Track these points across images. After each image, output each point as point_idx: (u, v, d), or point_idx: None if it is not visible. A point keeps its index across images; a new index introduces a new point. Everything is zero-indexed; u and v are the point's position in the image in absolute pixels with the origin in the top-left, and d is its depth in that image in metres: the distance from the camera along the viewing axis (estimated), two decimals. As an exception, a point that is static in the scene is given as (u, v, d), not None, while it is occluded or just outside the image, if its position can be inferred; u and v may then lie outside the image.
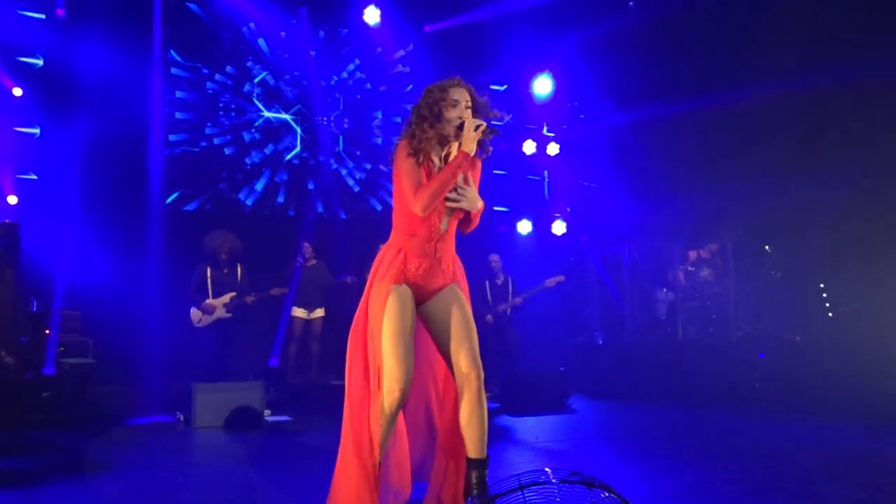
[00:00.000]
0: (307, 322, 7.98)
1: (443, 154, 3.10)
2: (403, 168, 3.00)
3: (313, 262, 8.01)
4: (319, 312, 8.03)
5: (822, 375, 7.62)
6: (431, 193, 2.93)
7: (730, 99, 9.04)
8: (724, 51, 9.15)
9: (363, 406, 2.96)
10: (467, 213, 3.16)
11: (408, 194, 2.97)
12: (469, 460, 2.95)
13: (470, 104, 3.09)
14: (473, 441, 2.93)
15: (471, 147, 2.99)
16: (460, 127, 3.02)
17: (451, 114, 3.04)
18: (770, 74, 8.63)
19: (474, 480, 2.92)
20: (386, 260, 3.05)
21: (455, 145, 3.08)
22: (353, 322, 3.09)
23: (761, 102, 8.93)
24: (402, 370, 2.86)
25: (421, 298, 3.08)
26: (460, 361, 2.93)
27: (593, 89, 10.70)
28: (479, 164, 3.22)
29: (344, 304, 8.23)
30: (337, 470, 3.03)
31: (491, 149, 3.24)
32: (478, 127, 2.99)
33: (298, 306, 7.91)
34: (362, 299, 3.07)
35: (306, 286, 7.91)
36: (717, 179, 9.49)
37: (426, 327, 3.12)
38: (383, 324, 2.92)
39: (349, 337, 3.09)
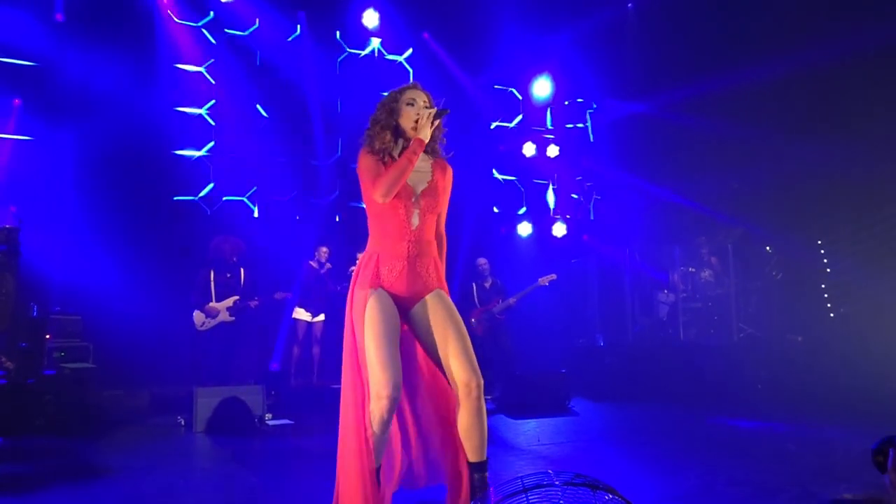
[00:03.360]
0: (310, 325, 7.97)
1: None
2: (363, 165, 3.04)
3: (329, 265, 8.02)
4: (321, 316, 8.03)
5: (824, 376, 7.62)
6: (389, 178, 2.93)
7: (732, 95, 9.05)
8: (727, 42, 9.13)
9: (358, 412, 2.94)
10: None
11: (368, 186, 2.99)
12: (470, 464, 2.93)
13: (429, 105, 3.11)
14: (474, 447, 2.92)
15: (425, 133, 3.00)
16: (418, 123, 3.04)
17: (410, 112, 3.07)
18: (769, 64, 8.64)
19: (477, 482, 2.92)
20: (362, 267, 3.06)
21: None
22: (344, 330, 3.09)
23: (764, 100, 8.95)
24: (388, 375, 2.83)
25: (403, 305, 3.03)
26: (457, 370, 2.88)
27: (593, 89, 10.71)
28: (449, 171, 3.20)
29: (342, 308, 8.23)
30: (338, 475, 3.01)
31: (444, 141, 3.23)
32: (429, 115, 3.00)
33: (305, 309, 7.90)
34: (347, 308, 3.07)
35: (314, 289, 7.91)
36: (718, 177, 9.51)
37: (415, 336, 3.08)
38: (365, 331, 2.91)
39: (343, 344, 3.09)
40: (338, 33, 9.63)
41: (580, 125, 11.03)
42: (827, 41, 7.96)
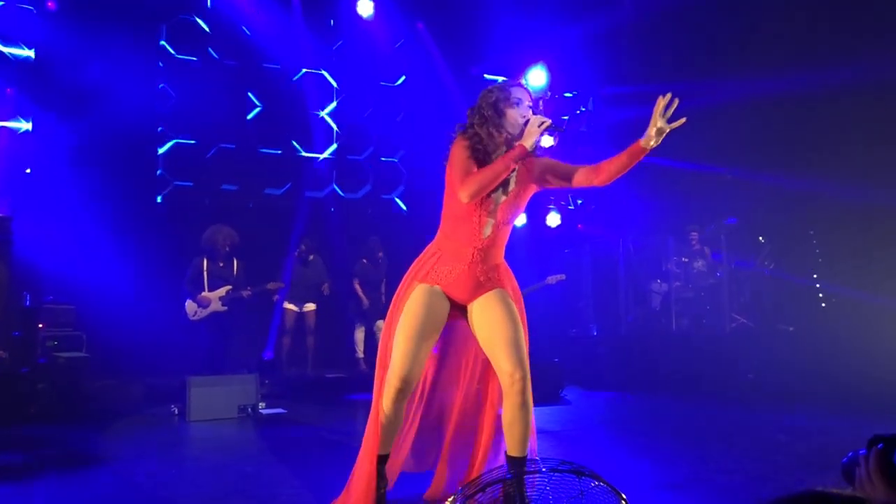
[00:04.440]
0: (299, 315, 7.98)
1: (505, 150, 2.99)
2: (455, 158, 2.92)
3: (311, 257, 8.02)
4: (311, 306, 8.03)
5: (815, 365, 7.68)
6: (481, 180, 2.82)
7: (730, 88, 9.04)
8: (725, 37, 9.12)
9: (379, 396, 3.00)
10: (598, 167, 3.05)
11: (456, 181, 2.87)
12: (508, 457, 2.91)
13: (531, 104, 3.02)
14: (515, 441, 2.90)
15: (530, 142, 2.87)
16: (525, 125, 2.93)
17: (515, 112, 2.97)
18: (770, 64, 8.65)
19: (513, 480, 2.91)
20: (421, 259, 3.05)
21: None
22: (386, 318, 3.11)
23: (760, 92, 8.95)
24: (406, 367, 2.85)
25: (460, 303, 3.02)
26: (502, 360, 2.88)
27: (588, 79, 10.68)
28: (533, 168, 3.08)
29: (337, 298, 8.24)
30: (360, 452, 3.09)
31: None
32: (541, 123, 2.89)
33: (289, 301, 7.92)
34: (395, 296, 3.07)
35: (298, 281, 7.92)
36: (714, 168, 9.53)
37: (473, 330, 3.07)
38: (400, 320, 2.93)
39: (384, 327, 3.13)
40: (332, 21, 9.59)
41: (582, 109, 10.98)
42: (832, 54, 8.00)
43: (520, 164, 3.01)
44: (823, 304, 9.06)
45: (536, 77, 10.25)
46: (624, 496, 2.37)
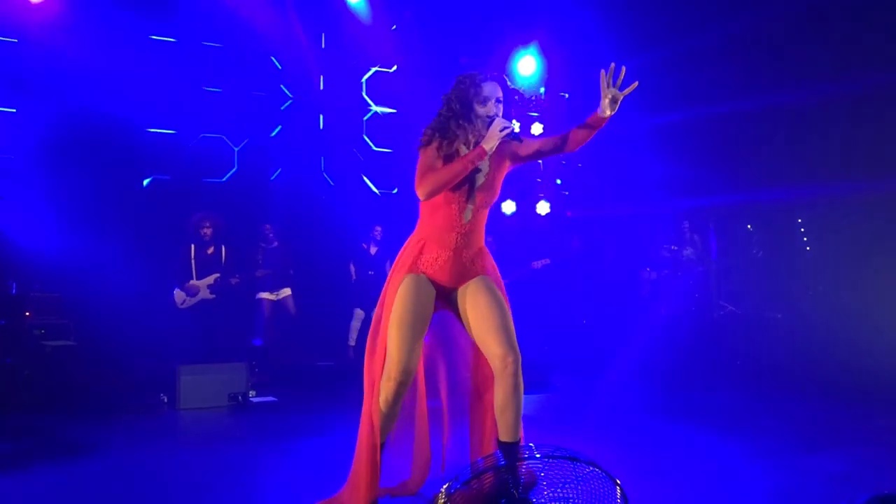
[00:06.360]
0: (275, 303, 7.92)
1: (471, 147, 3.02)
2: (421, 152, 2.99)
3: (275, 243, 7.97)
4: (286, 291, 7.97)
5: (803, 352, 7.76)
6: (438, 181, 2.88)
7: (722, 74, 9.04)
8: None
9: (371, 388, 3.00)
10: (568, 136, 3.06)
11: (416, 177, 2.93)
12: (501, 444, 2.91)
13: (501, 98, 3.04)
14: (506, 425, 2.89)
15: (490, 145, 2.91)
16: (490, 123, 2.97)
17: (481, 110, 3.00)
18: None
19: (504, 465, 2.90)
20: (405, 250, 3.06)
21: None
22: (375, 309, 3.12)
23: (753, 80, 8.96)
24: (403, 358, 2.85)
25: (445, 290, 3.04)
26: (493, 344, 2.89)
27: (580, 66, 10.64)
28: (506, 151, 3.08)
29: (315, 282, 8.21)
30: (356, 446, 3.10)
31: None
32: (503, 128, 2.92)
33: (263, 290, 7.87)
34: (384, 287, 3.08)
35: (268, 267, 7.86)
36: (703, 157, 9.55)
37: (460, 320, 3.09)
38: (392, 312, 2.92)
39: (371, 321, 3.14)
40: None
41: (565, 95, 10.93)
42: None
43: (493, 157, 3.04)
44: (811, 292, 9.14)
45: (527, 64, 10.22)
46: (618, 482, 2.39)
